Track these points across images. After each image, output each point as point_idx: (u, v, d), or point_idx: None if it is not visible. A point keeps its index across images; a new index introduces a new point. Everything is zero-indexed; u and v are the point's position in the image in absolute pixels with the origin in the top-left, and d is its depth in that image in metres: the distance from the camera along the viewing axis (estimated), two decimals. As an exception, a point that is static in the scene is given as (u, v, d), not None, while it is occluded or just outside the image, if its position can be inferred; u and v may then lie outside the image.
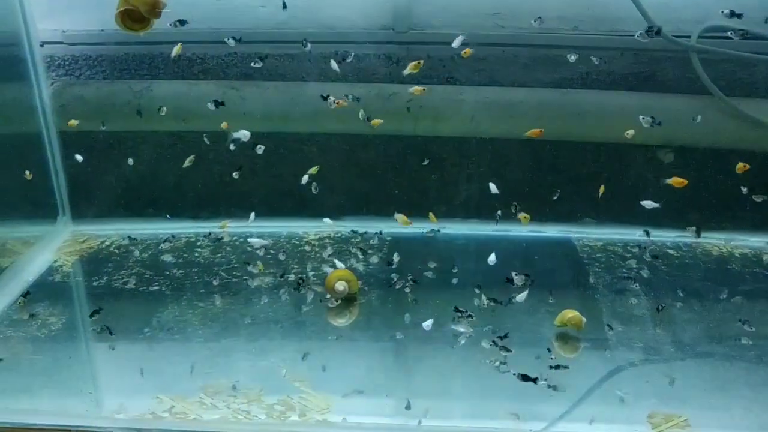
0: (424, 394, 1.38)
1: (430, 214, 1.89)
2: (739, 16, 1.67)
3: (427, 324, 1.52)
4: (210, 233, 1.97)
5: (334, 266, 1.74)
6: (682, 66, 1.87)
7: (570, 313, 1.52)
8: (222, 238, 1.94)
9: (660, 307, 1.60)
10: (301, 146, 2.01)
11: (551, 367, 1.41)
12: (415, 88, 1.74)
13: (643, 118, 1.71)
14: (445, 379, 1.42)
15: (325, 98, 1.76)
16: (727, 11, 1.68)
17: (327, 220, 1.94)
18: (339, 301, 1.64)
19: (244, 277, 1.75)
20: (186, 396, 1.35)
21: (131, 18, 1.44)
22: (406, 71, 1.72)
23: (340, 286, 1.62)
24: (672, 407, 1.31)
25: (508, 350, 1.46)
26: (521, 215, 1.77)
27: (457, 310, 1.57)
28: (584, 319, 1.52)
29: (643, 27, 1.70)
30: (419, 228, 1.96)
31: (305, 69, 1.97)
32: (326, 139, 2.00)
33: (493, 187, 1.77)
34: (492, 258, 1.67)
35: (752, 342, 1.49)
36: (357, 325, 1.59)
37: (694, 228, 1.89)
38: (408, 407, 1.34)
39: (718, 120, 1.84)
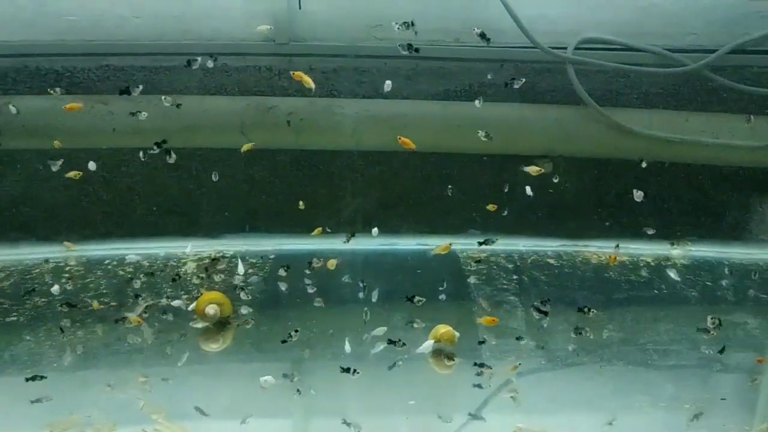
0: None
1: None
2: (488, 40, 1.73)
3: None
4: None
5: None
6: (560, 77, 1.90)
7: (443, 329, 1.51)
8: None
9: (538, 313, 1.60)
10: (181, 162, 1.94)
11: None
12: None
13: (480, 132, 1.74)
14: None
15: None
16: (478, 31, 1.75)
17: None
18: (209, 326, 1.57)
19: (112, 304, 1.65)
20: (29, 435, 1.26)
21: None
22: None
23: (211, 309, 1.56)
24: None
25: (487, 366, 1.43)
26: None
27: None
28: (457, 334, 1.50)
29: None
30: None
31: (183, 82, 1.90)
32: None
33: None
34: None
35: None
36: (228, 351, 1.52)
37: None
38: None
39: (594, 130, 1.87)
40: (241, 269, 1.77)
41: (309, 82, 1.71)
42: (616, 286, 1.77)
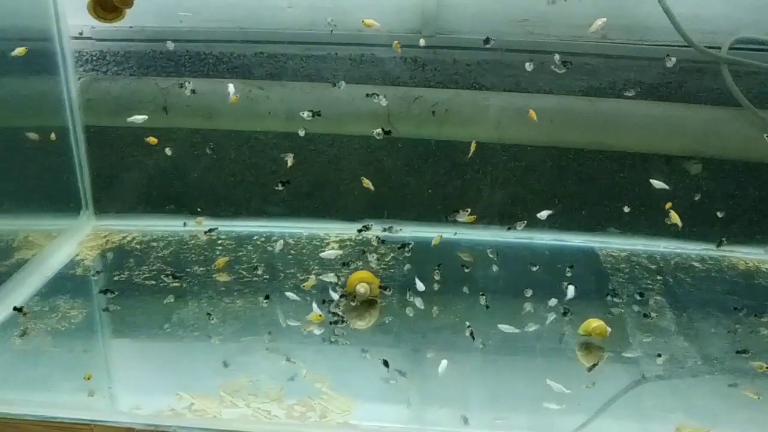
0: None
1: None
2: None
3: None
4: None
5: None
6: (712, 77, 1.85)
7: (595, 322, 1.51)
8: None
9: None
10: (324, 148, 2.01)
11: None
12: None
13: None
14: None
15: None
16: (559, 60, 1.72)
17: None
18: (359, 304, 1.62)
19: (265, 277, 1.74)
20: (205, 394, 1.34)
21: (103, 8, 1.47)
22: None
23: (362, 288, 1.61)
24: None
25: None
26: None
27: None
28: (609, 329, 1.50)
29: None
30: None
31: (331, 70, 1.97)
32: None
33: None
34: None
35: None
36: (378, 329, 1.58)
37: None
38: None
39: (747, 132, 1.82)
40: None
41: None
42: (765, 292, 1.72)
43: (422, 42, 1.82)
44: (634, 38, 1.90)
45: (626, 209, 1.81)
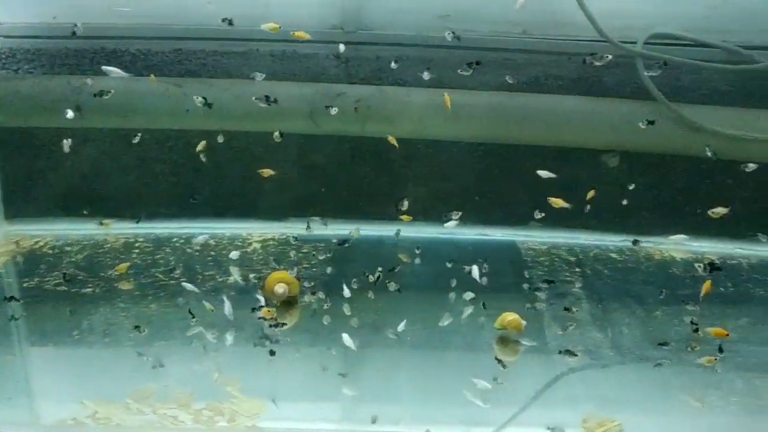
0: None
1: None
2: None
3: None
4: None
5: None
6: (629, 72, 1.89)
7: (510, 316, 1.52)
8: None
9: None
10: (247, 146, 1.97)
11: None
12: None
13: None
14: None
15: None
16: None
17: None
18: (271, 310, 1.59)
19: (182, 280, 1.70)
20: (111, 401, 1.30)
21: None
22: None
23: (280, 288, 1.59)
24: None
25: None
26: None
27: None
28: (524, 322, 1.51)
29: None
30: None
31: (251, 66, 1.93)
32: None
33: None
34: None
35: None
36: (296, 329, 1.55)
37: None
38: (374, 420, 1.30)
39: (663, 125, 1.85)
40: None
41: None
42: (680, 282, 1.75)
43: (342, 48, 1.80)
44: (552, 33, 1.92)
45: (539, 216, 1.81)
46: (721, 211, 1.59)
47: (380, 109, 1.88)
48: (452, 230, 1.92)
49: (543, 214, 1.78)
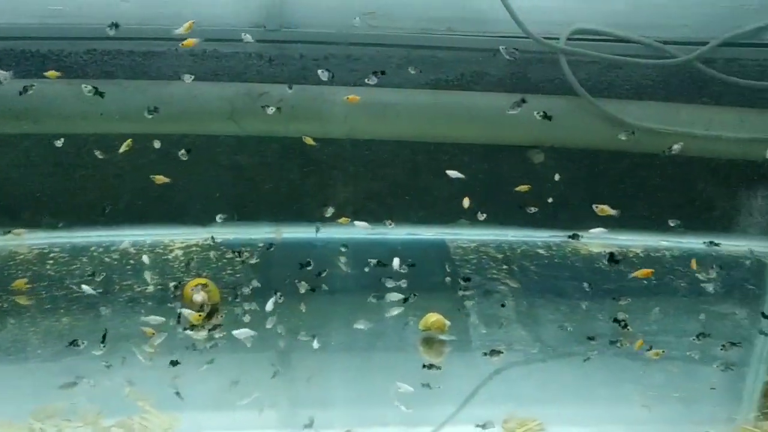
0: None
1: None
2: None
3: None
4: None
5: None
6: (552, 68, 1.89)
7: (433, 317, 1.50)
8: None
9: None
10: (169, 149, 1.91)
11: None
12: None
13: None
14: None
15: None
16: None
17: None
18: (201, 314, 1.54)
19: (98, 290, 1.63)
20: (12, 421, 1.23)
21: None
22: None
23: (199, 296, 1.54)
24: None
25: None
26: None
27: None
28: (447, 322, 1.50)
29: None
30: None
31: (173, 66, 1.87)
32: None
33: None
34: None
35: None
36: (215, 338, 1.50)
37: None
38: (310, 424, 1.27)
39: (586, 121, 1.87)
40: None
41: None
42: (606, 275, 1.77)
43: (247, 37, 1.75)
44: (477, 30, 1.91)
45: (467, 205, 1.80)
46: (607, 210, 1.60)
47: (304, 108, 1.85)
48: (383, 231, 1.91)
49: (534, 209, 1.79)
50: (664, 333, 1.54)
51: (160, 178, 1.70)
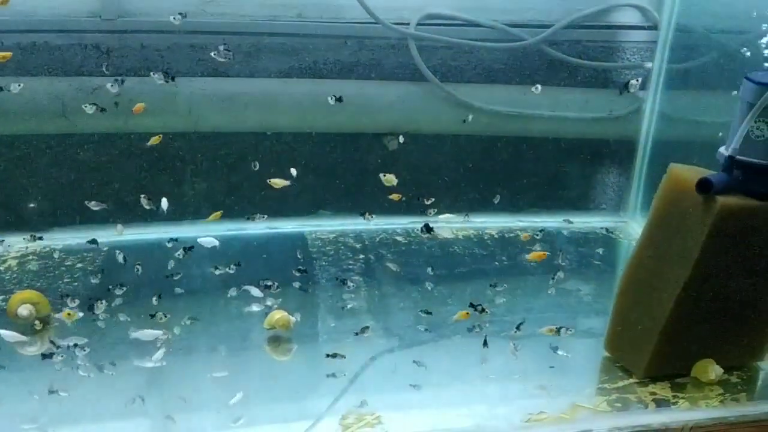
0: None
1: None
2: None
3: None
4: None
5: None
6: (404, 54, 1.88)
7: (278, 314, 1.46)
8: None
9: None
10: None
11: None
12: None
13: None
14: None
15: None
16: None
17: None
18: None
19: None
20: None
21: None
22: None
23: (25, 310, 1.43)
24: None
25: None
26: None
27: None
28: (293, 319, 1.46)
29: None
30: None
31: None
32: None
33: None
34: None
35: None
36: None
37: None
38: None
39: (438, 106, 1.87)
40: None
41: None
42: (460, 260, 1.78)
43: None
44: (327, 17, 1.87)
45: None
46: (391, 179, 1.61)
47: (144, 102, 1.74)
48: (241, 225, 1.85)
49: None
50: (512, 313, 1.57)
51: (278, 182, 1.59)
